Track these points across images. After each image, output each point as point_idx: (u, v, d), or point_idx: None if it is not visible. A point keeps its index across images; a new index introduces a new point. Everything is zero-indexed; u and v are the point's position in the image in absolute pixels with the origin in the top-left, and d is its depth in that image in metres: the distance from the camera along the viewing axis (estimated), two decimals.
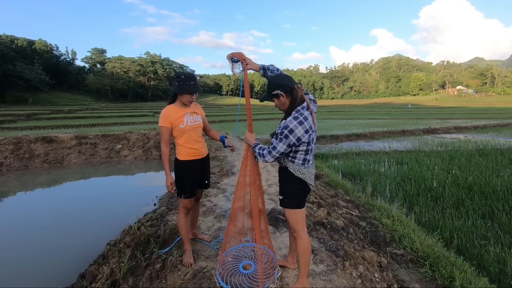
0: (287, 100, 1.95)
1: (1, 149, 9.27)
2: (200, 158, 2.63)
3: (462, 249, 3.48)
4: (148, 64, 75.41)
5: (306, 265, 2.03)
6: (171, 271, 2.48)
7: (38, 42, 62.02)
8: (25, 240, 4.49)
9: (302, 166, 1.98)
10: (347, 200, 4.76)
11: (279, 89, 1.92)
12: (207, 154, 2.71)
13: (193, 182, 2.60)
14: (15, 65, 42.57)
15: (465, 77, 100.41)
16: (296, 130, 1.83)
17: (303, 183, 1.99)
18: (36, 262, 3.81)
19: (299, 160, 1.96)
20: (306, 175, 1.99)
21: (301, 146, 1.92)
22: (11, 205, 6.56)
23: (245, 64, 2.20)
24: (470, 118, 23.73)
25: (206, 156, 2.71)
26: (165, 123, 2.45)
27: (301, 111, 1.89)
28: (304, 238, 2.02)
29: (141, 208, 5.40)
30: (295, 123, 1.83)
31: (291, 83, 1.94)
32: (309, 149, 1.96)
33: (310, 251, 2.05)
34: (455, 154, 8.12)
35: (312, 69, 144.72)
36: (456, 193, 5.00)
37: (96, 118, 20.47)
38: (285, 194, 2.03)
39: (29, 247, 4.24)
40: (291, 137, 1.84)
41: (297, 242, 2.03)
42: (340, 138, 12.69)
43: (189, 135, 2.54)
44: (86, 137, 10.62)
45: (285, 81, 1.94)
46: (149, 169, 9.79)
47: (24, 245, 4.32)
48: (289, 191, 2.02)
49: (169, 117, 2.45)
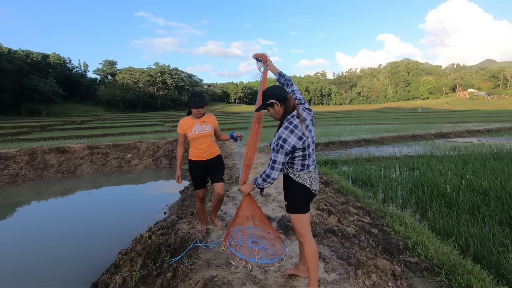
0: (281, 109, 2.04)
1: (17, 160, 9.54)
2: (204, 160, 3.18)
3: (479, 256, 3.37)
4: (157, 74, 76.96)
5: (315, 270, 2.05)
6: (182, 280, 2.49)
7: (52, 55, 64.28)
8: (39, 248, 4.58)
9: (302, 172, 2.04)
10: (358, 207, 4.69)
11: (273, 99, 2.02)
12: (213, 157, 3.22)
13: (198, 177, 3.23)
14: (30, 78, 44.21)
15: (476, 80, 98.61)
16: (289, 139, 1.92)
17: (305, 188, 2.05)
18: (50, 270, 3.88)
19: (298, 166, 2.03)
20: (307, 180, 2.04)
21: (297, 152, 1.99)
22: (26, 214, 6.71)
23: (266, 65, 2.37)
24: (483, 121, 23.20)
25: (212, 159, 3.22)
26: (179, 130, 3.17)
27: (290, 119, 1.98)
28: (310, 242, 2.06)
29: (151, 216, 5.46)
30: (287, 133, 1.93)
31: (284, 93, 2.06)
32: (306, 155, 2.01)
33: (318, 255, 2.07)
34: (468, 159, 7.92)
35: (319, 75, 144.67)
36: (471, 198, 4.86)
37: (107, 128, 20.89)
38: (289, 199, 2.11)
39: (43, 255, 4.32)
40: (286, 146, 1.92)
41: (304, 246, 2.07)
42: (349, 144, 12.57)
43: (196, 141, 3.15)
44: (98, 147, 10.84)
45: (279, 91, 2.06)
46: (159, 178, 9.90)
47: (38, 253, 4.41)
48: (292, 197, 2.08)
49: (182, 126, 3.15)
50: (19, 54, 54.82)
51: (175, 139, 12.10)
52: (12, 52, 53.16)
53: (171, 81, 78.47)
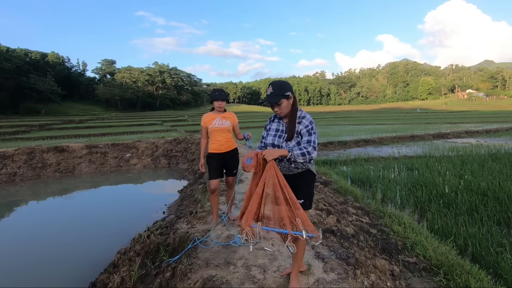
0: (292, 103, 2.10)
1: (15, 159, 9.51)
2: (220, 152, 3.47)
3: (478, 257, 3.37)
4: (156, 73, 76.80)
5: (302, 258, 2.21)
6: (181, 280, 2.48)
7: (50, 54, 64.04)
8: (36, 247, 4.57)
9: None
10: (356, 207, 4.70)
11: (290, 92, 2.07)
12: (229, 150, 3.52)
13: (213, 168, 3.48)
14: (29, 77, 44.02)
15: (475, 81, 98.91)
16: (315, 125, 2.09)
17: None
18: (48, 270, 3.86)
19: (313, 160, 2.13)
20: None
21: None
22: (24, 213, 6.69)
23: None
24: (481, 122, 23.26)
25: (228, 152, 3.51)
26: (202, 123, 3.53)
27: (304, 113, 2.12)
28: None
29: (150, 216, 5.45)
30: (312, 119, 2.09)
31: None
32: None
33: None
34: (467, 159, 7.94)
35: (319, 75, 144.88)
36: (469, 199, 4.87)
37: (106, 127, 20.83)
38: (306, 196, 2.09)
39: (41, 255, 4.31)
40: (315, 129, 2.06)
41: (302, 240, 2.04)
42: (348, 144, 12.58)
43: (215, 134, 3.46)
44: (97, 146, 10.81)
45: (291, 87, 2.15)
46: (157, 177, 9.88)
47: (36, 252, 4.39)
48: (310, 192, 2.14)
49: (204, 119, 3.51)
50: (17, 52, 54.57)
51: (174, 139, 12.08)
52: (11, 50, 52.93)
53: (170, 80, 78.33)
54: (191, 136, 12.94)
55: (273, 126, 2.20)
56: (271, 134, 2.17)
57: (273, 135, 2.15)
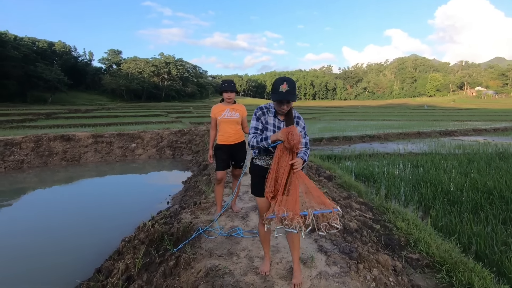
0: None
1: (23, 146, 9.64)
2: (228, 144, 3.46)
3: (481, 255, 3.36)
4: (162, 64, 76.72)
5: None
6: (184, 269, 2.52)
7: (57, 43, 64.24)
8: (43, 235, 4.66)
9: None
10: (360, 202, 4.69)
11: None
12: (237, 143, 3.51)
13: (221, 159, 3.49)
14: (36, 66, 44.32)
15: (485, 78, 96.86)
16: None
17: None
18: (55, 257, 3.94)
19: None
20: None
21: None
22: (29, 200, 6.81)
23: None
24: (490, 120, 22.87)
25: (236, 144, 3.50)
26: (211, 114, 3.52)
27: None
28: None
29: (154, 206, 5.50)
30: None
31: None
32: None
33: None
34: (473, 157, 7.85)
35: (325, 69, 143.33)
36: (474, 197, 4.83)
37: (111, 117, 20.95)
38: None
39: (47, 242, 4.39)
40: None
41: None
42: (353, 140, 12.50)
43: (224, 125, 3.45)
44: (102, 136, 10.90)
45: None
46: (162, 168, 9.96)
47: (43, 240, 4.48)
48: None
49: (214, 110, 3.51)
50: (25, 41, 54.86)
51: (178, 130, 12.12)
52: (18, 39, 53.20)
53: (175, 72, 78.22)
54: (195, 128, 12.97)
55: (270, 121, 2.15)
56: (270, 130, 2.13)
57: (272, 131, 2.13)
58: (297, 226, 1.77)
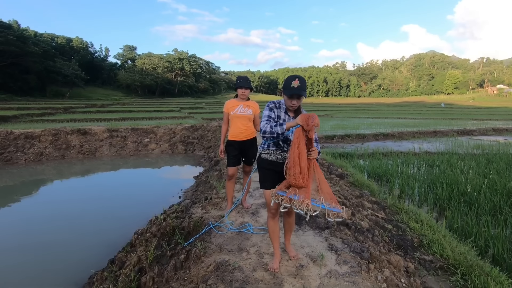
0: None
1: (42, 139, 9.98)
2: (240, 140, 3.48)
3: (499, 259, 3.25)
4: (175, 60, 77.44)
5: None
6: (194, 263, 2.55)
7: (75, 39, 65.87)
8: (61, 224, 4.83)
9: None
10: (372, 201, 4.61)
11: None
12: (248, 139, 3.51)
13: (232, 156, 3.50)
14: (55, 61, 45.60)
15: (507, 75, 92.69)
16: None
17: None
18: (71, 246, 4.09)
19: None
20: None
21: None
22: (48, 192, 7.06)
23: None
24: (511, 119, 21.99)
25: (248, 141, 3.51)
26: (225, 109, 3.55)
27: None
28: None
29: (166, 200, 5.60)
30: None
31: None
32: None
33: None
34: (493, 158, 7.56)
35: (339, 66, 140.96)
36: (493, 199, 4.67)
37: (126, 112, 21.37)
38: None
39: (64, 231, 4.55)
40: None
41: (292, 218, 2.43)
42: (367, 138, 12.29)
43: (236, 121, 3.47)
44: (117, 130, 11.15)
45: None
46: (174, 163, 10.10)
47: (60, 229, 4.65)
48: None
49: (227, 105, 3.54)
50: (44, 37, 56.54)
51: (191, 126, 12.24)
52: (38, 35, 54.90)
53: (188, 68, 78.83)
54: (208, 123, 13.06)
55: (281, 116, 2.24)
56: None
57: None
58: (305, 209, 1.85)
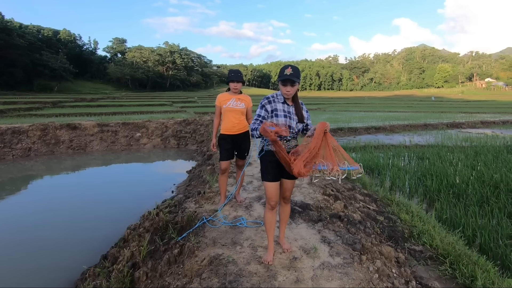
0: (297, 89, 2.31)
1: (30, 134, 9.75)
2: (232, 134, 3.45)
3: (486, 248, 3.35)
4: (166, 53, 76.25)
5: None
6: (188, 257, 2.55)
7: (62, 32, 64.04)
8: (52, 221, 4.76)
9: None
10: (364, 193, 4.68)
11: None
12: (241, 133, 3.49)
13: (225, 150, 3.47)
14: (42, 54, 44.36)
15: (495, 69, 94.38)
16: None
17: None
18: (63, 242, 4.03)
19: None
20: None
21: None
22: (37, 188, 6.93)
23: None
24: (499, 112, 22.45)
25: (240, 134, 3.49)
26: (217, 102, 3.51)
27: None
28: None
29: (159, 194, 5.56)
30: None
31: None
32: None
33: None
34: (481, 150, 7.73)
35: (331, 59, 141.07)
36: (480, 190, 4.78)
37: (117, 106, 20.99)
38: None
39: (55, 228, 4.48)
40: None
41: (288, 206, 2.52)
42: (359, 131, 12.40)
43: (228, 114, 3.43)
44: (108, 125, 10.96)
45: None
46: (167, 157, 10.02)
47: (51, 225, 4.58)
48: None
49: (219, 99, 3.50)
50: (30, 29, 54.81)
51: (183, 120, 12.13)
52: (23, 27, 53.16)
53: (180, 61, 77.75)
54: (200, 117, 12.96)
55: (279, 106, 2.28)
56: (281, 115, 2.26)
57: (283, 116, 2.26)
58: (336, 174, 2.05)
